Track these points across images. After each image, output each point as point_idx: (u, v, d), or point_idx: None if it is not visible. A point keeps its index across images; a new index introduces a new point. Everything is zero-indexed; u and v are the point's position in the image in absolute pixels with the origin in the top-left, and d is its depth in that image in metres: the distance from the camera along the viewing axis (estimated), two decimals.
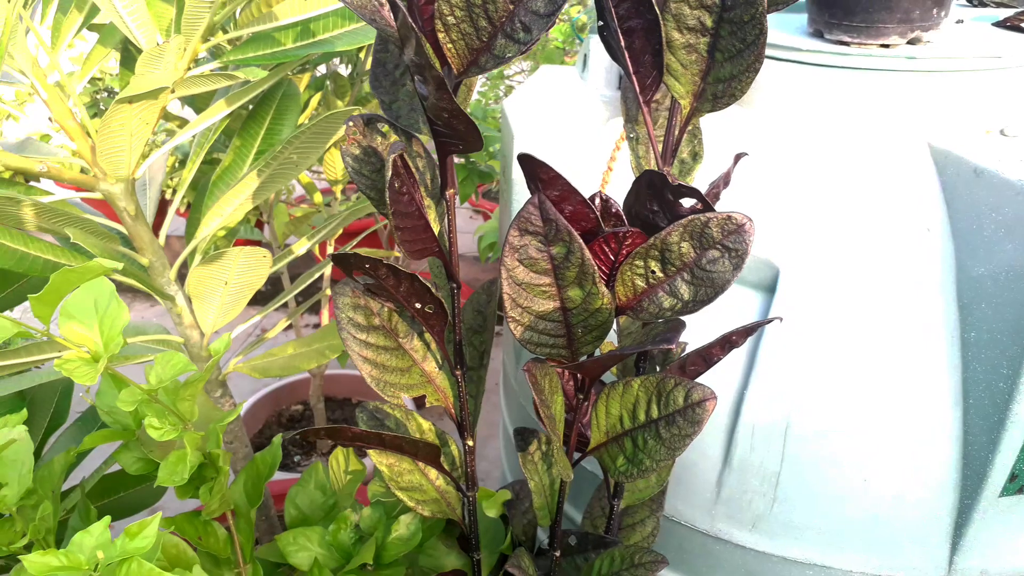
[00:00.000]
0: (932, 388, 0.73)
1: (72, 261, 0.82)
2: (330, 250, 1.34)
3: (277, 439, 0.69)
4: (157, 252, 0.85)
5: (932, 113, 0.79)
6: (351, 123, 0.53)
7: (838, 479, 0.76)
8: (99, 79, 2.21)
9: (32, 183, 0.93)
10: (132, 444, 0.67)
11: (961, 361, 0.73)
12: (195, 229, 0.97)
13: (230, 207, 0.81)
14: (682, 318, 0.46)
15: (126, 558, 0.50)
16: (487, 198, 2.74)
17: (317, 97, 1.12)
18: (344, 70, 1.20)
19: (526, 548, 0.74)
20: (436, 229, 0.55)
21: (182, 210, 1.96)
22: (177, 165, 1.51)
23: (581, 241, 0.49)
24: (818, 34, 0.87)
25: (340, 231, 0.98)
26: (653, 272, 0.50)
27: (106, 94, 2.25)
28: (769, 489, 0.78)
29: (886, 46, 0.81)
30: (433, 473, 0.67)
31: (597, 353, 0.58)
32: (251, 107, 0.93)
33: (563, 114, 0.96)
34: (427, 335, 0.62)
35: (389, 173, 0.46)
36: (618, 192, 0.87)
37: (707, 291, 0.49)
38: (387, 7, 0.47)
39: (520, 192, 0.95)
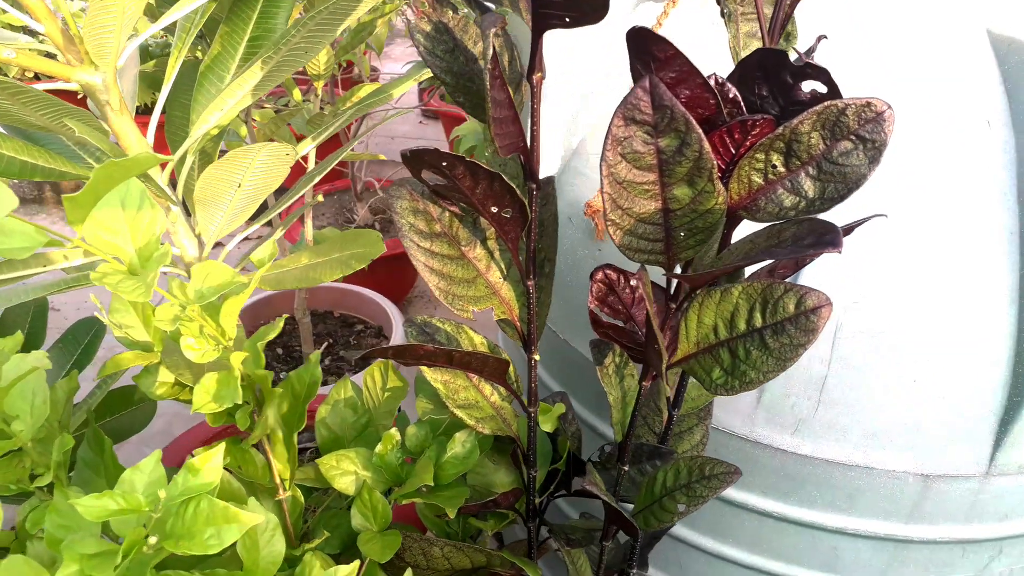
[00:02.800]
0: (988, 286, 0.71)
1: (51, 163, 0.73)
2: (313, 157, 1.24)
3: (315, 356, 0.63)
4: (146, 151, 0.75)
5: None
6: None
7: (887, 380, 0.74)
8: None
9: None
10: (153, 367, 0.60)
11: (1020, 258, 0.71)
12: (178, 130, 0.87)
13: (231, 101, 0.72)
14: (825, 218, 0.41)
15: (191, 497, 0.44)
16: (444, 100, 2.62)
17: None
18: None
19: (578, 459, 0.71)
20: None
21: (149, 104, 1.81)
22: (174, 48, 1.36)
23: (700, 131, 0.43)
24: None
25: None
26: (774, 166, 0.45)
27: None
28: (814, 392, 0.76)
29: None
30: (488, 389, 0.63)
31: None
32: None
33: None
34: (489, 243, 0.56)
35: (490, 52, 0.39)
36: None
37: (837, 187, 0.44)
38: None
39: (548, 92, 0.87)
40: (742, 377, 0.50)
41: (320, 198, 1.02)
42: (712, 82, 0.46)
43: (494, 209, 0.49)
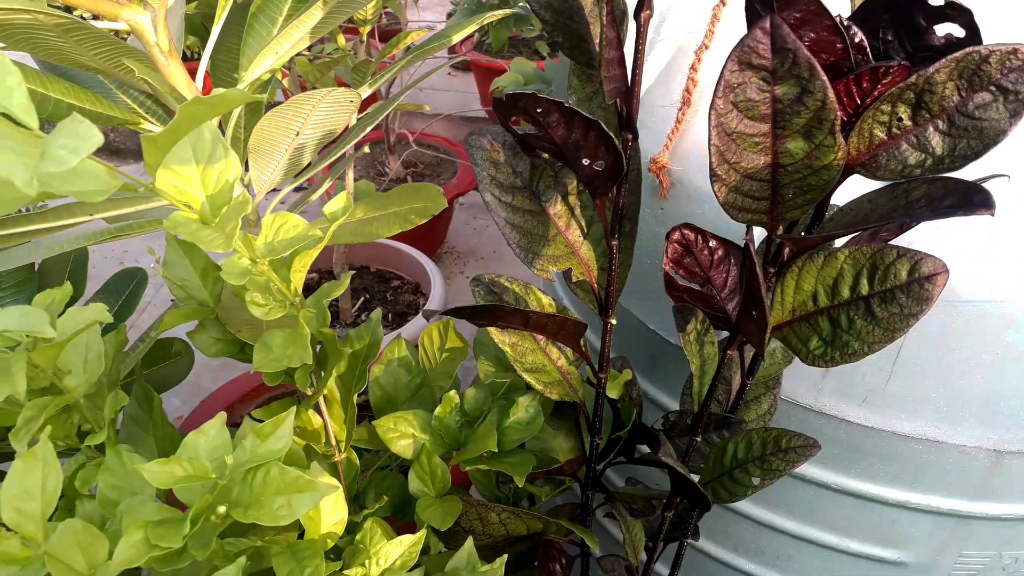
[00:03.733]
0: None
1: (97, 106, 0.69)
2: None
3: (376, 313, 0.60)
4: (197, 94, 0.72)
5: None
6: None
7: (966, 353, 0.71)
8: None
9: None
10: (210, 322, 0.57)
11: None
12: (223, 76, 0.83)
13: (287, 44, 0.68)
14: (959, 178, 0.38)
15: (260, 464, 0.42)
16: (478, 50, 2.55)
17: None
18: None
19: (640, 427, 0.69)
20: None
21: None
22: None
23: (825, 77, 0.39)
24: None
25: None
26: (900, 120, 0.41)
27: None
28: (887, 363, 0.73)
29: None
30: (555, 353, 0.60)
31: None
32: None
33: None
34: (571, 199, 0.53)
35: None
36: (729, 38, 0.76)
37: (971, 144, 0.40)
38: None
39: None
40: (844, 348, 0.47)
41: (366, 149, 0.98)
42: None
43: (585, 161, 0.46)
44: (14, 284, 0.86)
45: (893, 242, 0.57)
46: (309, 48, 1.38)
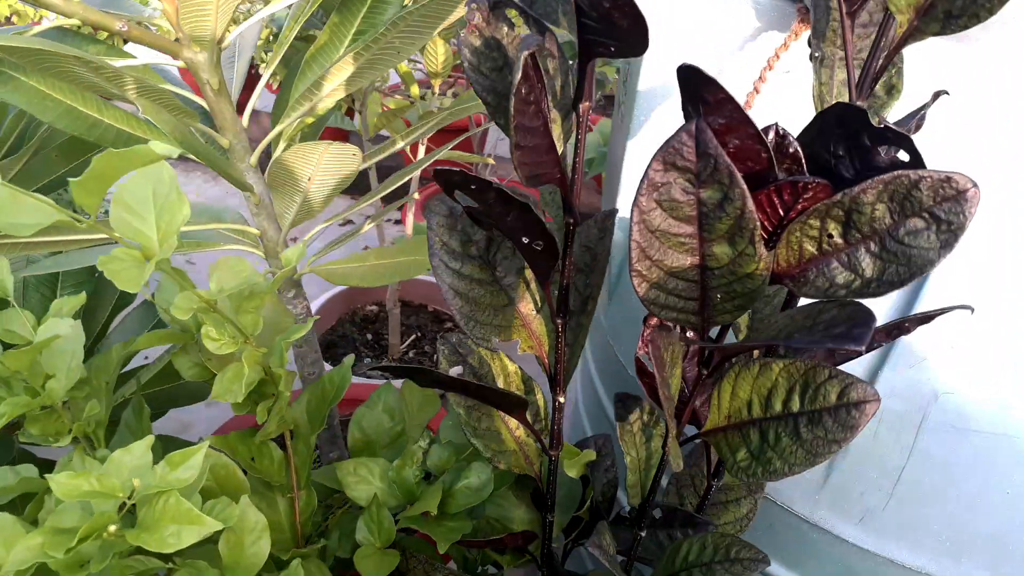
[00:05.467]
0: None
1: (148, 134, 0.76)
2: (422, 150, 1.25)
3: (348, 359, 0.62)
4: (239, 134, 0.77)
5: None
6: (474, 6, 0.43)
7: (974, 486, 0.65)
8: None
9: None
10: (191, 347, 0.61)
11: None
12: (282, 111, 0.89)
13: (321, 93, 0.72)
14: (867, 305, 0.36)
15: (164, 491, 0.44)
16: None
17: None
18: None
19: (604, 510, 0.67)
20: (559, 149, 0.45)
21: (274, 86, 1.89)
22: (272, 38, 1.42)
23: (744, 187, 0.38)
24: None
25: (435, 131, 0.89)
26: (830, 236, 0.39)
27: None
28: (888, 484, 0.68)
29: None
30: (513, 422, 0.59)
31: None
32: None
33: (705, 19, 0.82)
34: (527, 271, 0.53)
35: (517, 76, 0.36)
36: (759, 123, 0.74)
37: (899, 270, 0.38)
38: None
39: (643, 107, 0.83)
40: (767, 465, 0.44)
41: (416, 196, 1.01)
42: (772, 134, 0.41)
43: (525, 239, 0.46)
44: (74, 284, 0.93)
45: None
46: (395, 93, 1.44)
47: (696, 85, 0.39)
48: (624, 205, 0.88)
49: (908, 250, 0.38)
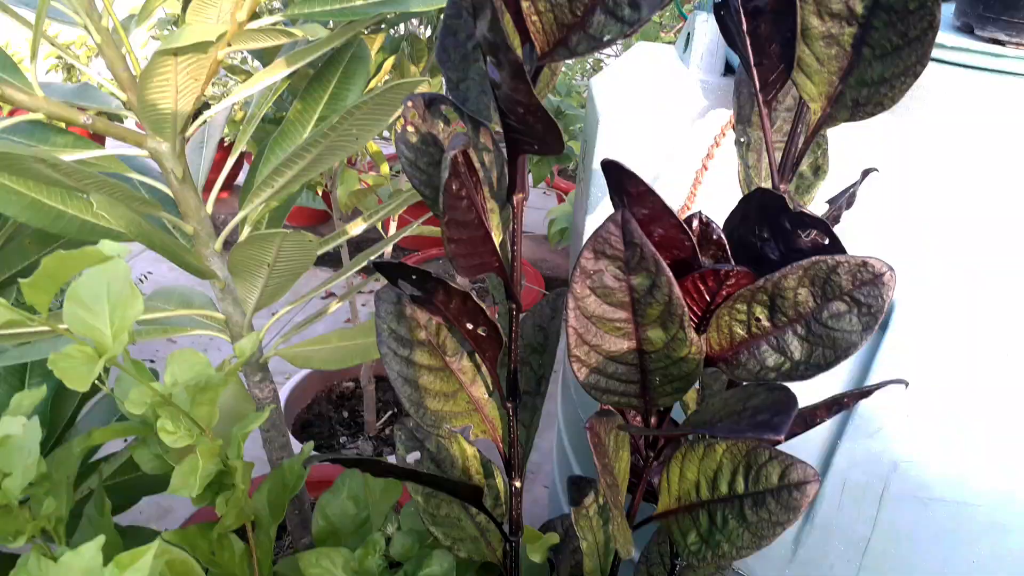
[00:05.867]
0: None
1: (110, 225, 0.77)
2: (394, 226, 1.27)
3: (307, 447, 0.62)
4: (203, 220, 0.78)
5: None
6: (409, 103, 0.44)
7: (939, 555, 0.65)
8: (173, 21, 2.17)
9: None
10: (151, 439, 0.60)
11: None
12: (248, 195, 0.90)
13: (282, 180, 0.74)
14: (791, 390, 0.37)
15: None
16: (563, 176, 2.63)
17: (390, 61, 1.03)
18: (424, 32, 1.11)
19: None
20: (498, 239, 0.46)
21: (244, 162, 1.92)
22: (246, 121, 1.45)
23: (670, 274, 0.39)
24: (967, 29, 0.73)
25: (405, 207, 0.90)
26: (758, 320, 0.40)
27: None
28: (855, 555, 0.68)
29: None
30: (474, 508, 0.59)
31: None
32: (317, 67, 0.86)
33: (656, 100, 0.85)
34: (477, 355, 0.54)
35: (446, 174, 0.37)
36: (712, 197, 0.76)
37: (826, 352, 0.39)
38: None
39: (599, 184, 0.85)
40: (716, 548, 0.44)
41: (375, 279, 1.02)
42: (696, 221, 0.42)
43: (470, 326, 0.47)
44: (41, 374, 0.93)
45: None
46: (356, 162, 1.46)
47: (619, 178, 0.40)
48: None
49: (832, 333, 0.39)
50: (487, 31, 0.32)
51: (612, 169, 0.40)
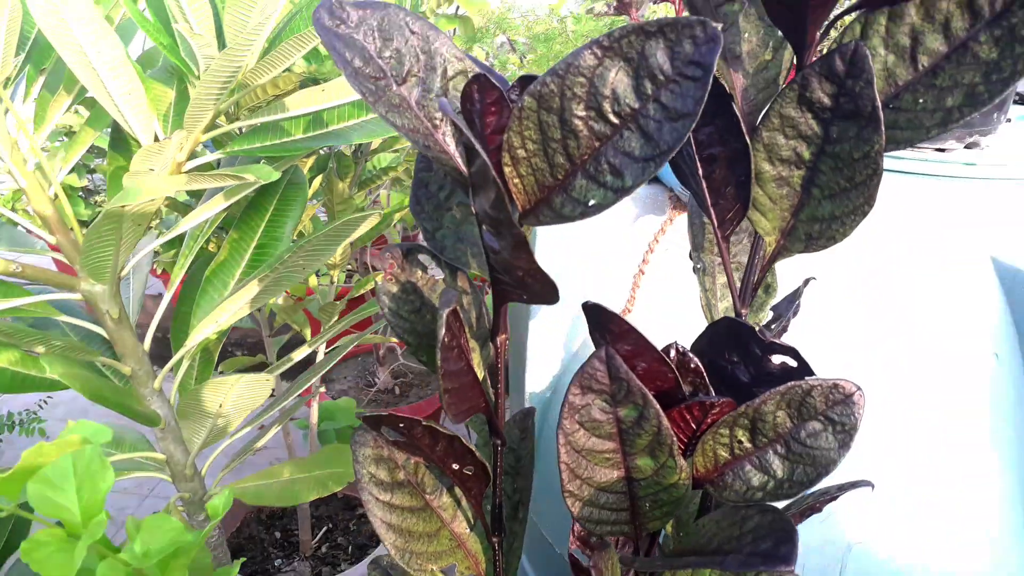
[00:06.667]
0: (1008, 542, 0.66)
1: (44, 373, 0.73)
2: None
3: (237, 563, 0.59)
4: (141, 359, 0.76)
5: (993, 223, 0.74)
6: (388, 254, 0.46)
7: None
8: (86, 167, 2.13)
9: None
10: None
11: None
12: (182, 324, 0.88)
13: (225, 315, 0.73)
14: (790, 520, 0.39)
15: None
16: None
17: (319, 180, 1.05)
18: (348, 148, 1.13)
19: None
20: (480, 376, 0.47)
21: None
22: (181, 255, 1.42)
23: (657, 406, 0.42)
24: None
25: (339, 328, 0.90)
26: (740, 442, 0.43)
27: (93, 177, 2.17)
28: None
29: (942, 150, 0.76)
30: None
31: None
32: (252, 194, 0.86)
33: None
34: (457, 490, 0.54)
35: (441, 332, 0.38)
36: (647, 301, 0.80)
37: (807, 470, 0.41)
38: (441, 130, 0.40)
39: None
40: None
41: (322, 389, 1.01)
42: (673, 351, 0.45)
43: (455, 466, 0.48)
44: None
45: None
46: None
47: (601, 318, 0.42)
48: (533, 385, 0.91)
49: (811, 451, 0.41)
50: (490, 208, 0.34)
51: (594, 311, 0.42)
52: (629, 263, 0.83)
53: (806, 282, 0.57)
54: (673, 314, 0.78)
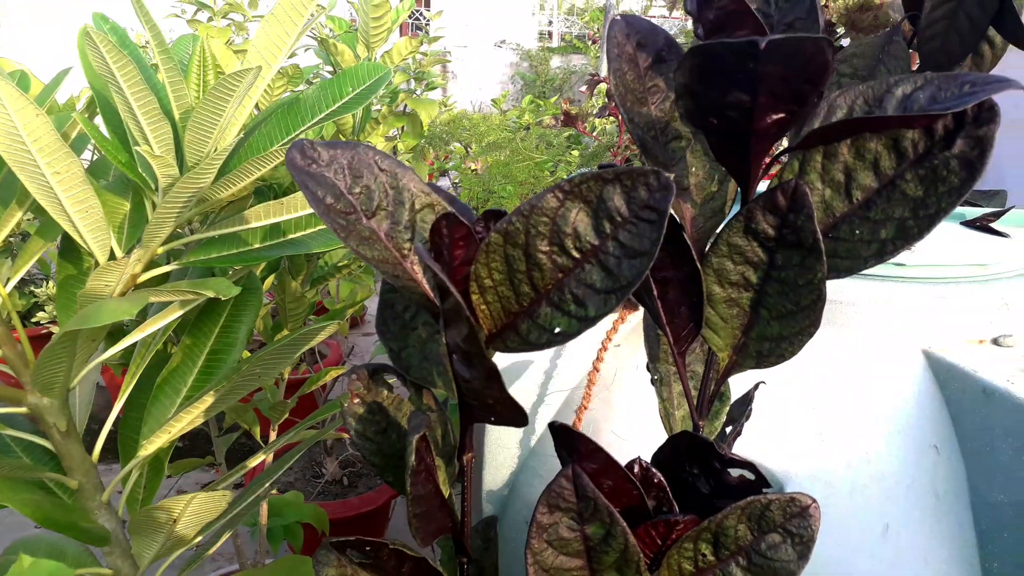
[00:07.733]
0: None
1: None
2: (273, 434, 1.23)
3: None
4: (88, 472, 0.74)
5: (924, 321, 0.78)
6: (354, 376, 0.46)
7: None
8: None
9: None
10: None
11: None
12: (131, 432, 0.86)
13: (178, 425, 0.71)
14: None
15: None
16: None
17: (271, 279, 1.05)
18: None
19: None
20: (446, 493, 0.47)
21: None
22: (133, 361, 1.39)
23: (624, 524, 0.42)
24: None
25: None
26: (704, 556, 0.44)
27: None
28: None
29: None
30: None
31: None
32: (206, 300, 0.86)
33: None
34: None
35: (411, 459, 0.39)
36: (602, 400, 0.81)
37: None
38: (410, 260, 0.42)
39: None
40: None
41: (273, 492, 0.99)
42: (637, 467, 0.46)
43: None
44: None
45: None
46: None
47: (568, 438, 0.43)
48: (490, 483, 0.91)
49: (772, 563, 0.43)
50: (461, 342, 0.35)
51: (562, 432, 0.43)
52: (582, 360, 0.85)
53: (756, 386, 0.60)
54: (629, 413, 0.80)
